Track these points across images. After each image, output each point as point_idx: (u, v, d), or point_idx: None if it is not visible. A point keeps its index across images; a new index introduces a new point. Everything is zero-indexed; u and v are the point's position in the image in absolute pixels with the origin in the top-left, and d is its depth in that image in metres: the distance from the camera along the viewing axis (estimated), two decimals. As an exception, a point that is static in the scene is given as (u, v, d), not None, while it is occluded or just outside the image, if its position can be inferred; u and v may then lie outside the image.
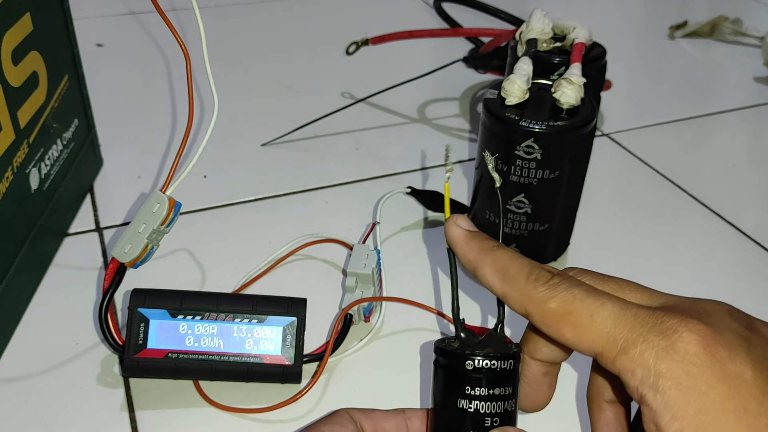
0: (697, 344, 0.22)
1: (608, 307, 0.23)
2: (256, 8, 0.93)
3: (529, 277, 0.25)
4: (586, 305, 0.24)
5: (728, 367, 0.22)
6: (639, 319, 0.23)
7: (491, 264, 0.26)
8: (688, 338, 0.22)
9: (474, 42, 0.70)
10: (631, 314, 0.23)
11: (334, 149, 0.63)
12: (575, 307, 0.24)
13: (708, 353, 0.22)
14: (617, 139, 0.66)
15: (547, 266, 0.26)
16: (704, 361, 0.22)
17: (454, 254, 0.28)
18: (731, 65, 0.82)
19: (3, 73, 0.40)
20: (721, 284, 0.49)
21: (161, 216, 0.36)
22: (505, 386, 0.26)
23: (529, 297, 0.25)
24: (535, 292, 0.25)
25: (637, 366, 0.22)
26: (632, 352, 0.22)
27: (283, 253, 0.49)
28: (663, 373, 0.22)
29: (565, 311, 0.24)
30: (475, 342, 0.27)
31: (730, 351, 0.22)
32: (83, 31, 0.54)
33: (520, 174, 0.44)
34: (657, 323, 0.23)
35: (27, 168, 0.44)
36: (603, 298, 0.24)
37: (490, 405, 0.26)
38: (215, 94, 0.37)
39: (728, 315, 0.24)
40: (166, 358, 0.38)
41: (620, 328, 0.23)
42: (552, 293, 0.24)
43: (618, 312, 0.23)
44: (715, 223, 0.55)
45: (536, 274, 0.25)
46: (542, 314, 0.25)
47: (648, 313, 0.23)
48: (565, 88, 0.44)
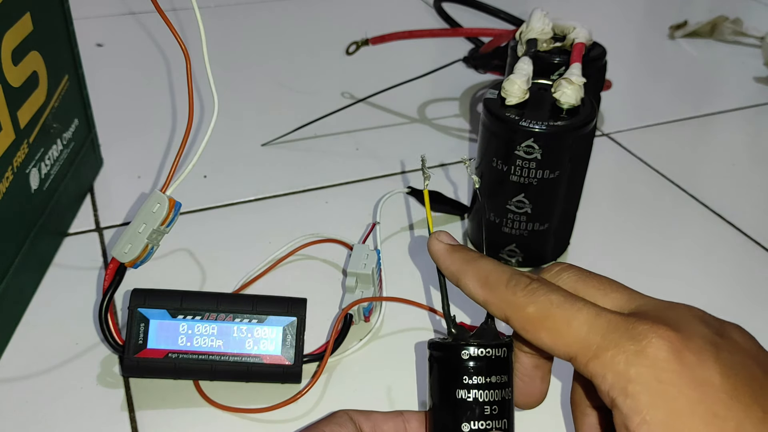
0: (667, 350, 0.22)
1: (584, 313, 0.24)
2: (256, 8, 0.93)
3: (508, 283, 0.26)
4: (562, 311, 0.24)
5: (697, 372, 0.22)
6: (612, 325, 0.24)
7: (473, 273, 0.27)
8: (658, 344, 0.22)
9: (474, 42, 0.70)
10: (605, 320, 0.24)
11: (334, 149, 0.63)
12: (552, 313, 0.25)
13: (677, 358, 0.22)
14: (617, 139, 0.66)
15: (526, 273, 0.27)
16: (673, 366, 0.22)
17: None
18: (731, 65, 0.82)
19: (3, 73, 0.40)
20: (721, 284, 0.49)
21: (161, 216, 0.36)
22: (500, 374, 0.27)
23: (509, 302, 0.26)
24: (514, 297, 0.26)
25: (608, 371, 0.23)
26: (604, 356, 0.23)
27: (283, 253, 0.49)
28: (633, 378, 0.22)
29: (542, 316, 0.25)
30: (468, 336, 0.28)
31: (699, 356, 0.22)
32: (83, 31, 0.54)
33: (520, 174, 0.44)
34: (628, 329, 0.23)
35: (27, 168, 0.44)
36: (579, 304, 0.24)
37: (487, 393, 0.26)
38: (215, 94, 0.37)
39: (699, 320, 0.24)
40: (166, 358, 0.38)
41: (594, 333, 0.24)
42: (530, 298, 0.25)
43: (593, 318, 0.24)
44: (715, 223, 0.55)
45: (515, 280, 0.26)
46: (521, 319, 0.25)
47: (621, 319, 0.24)
48: (565, 88, 0.44)
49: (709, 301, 0.48)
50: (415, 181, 0.58)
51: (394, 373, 0.41)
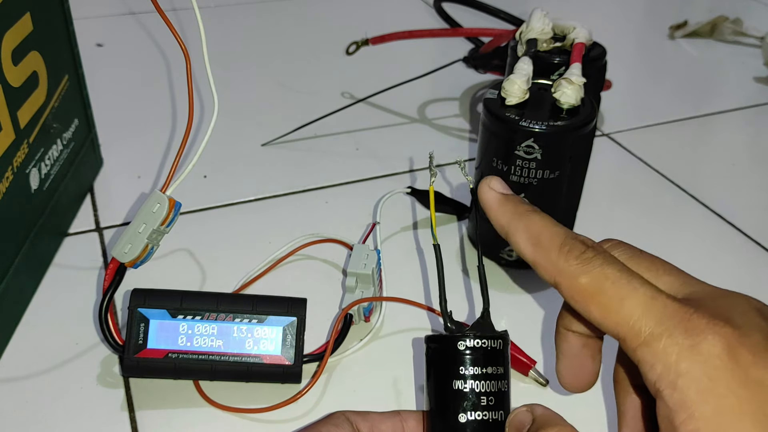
0: (721, 347, 0.22)
1: (640, 293, 0.23)
2: (256, 8, 0.93)
3: (562, 247, 0.25)
4: (617, 287, 0.23)
5: (751, 371, 0.22)
6: (668, 312, 0.23)
7: (524, 230, 0.26)
8: (713, 340, 0.22)
9: (474, 42, 0.70)
10: (660, 305, 0.23)
11: (334, 149, 0.63)
12: (606, 288, 0.23)
13: (731, 356, 0.22)
14: (617, 139, 0.66)
15: (581, 237, 0.25)
16: (726, 364, 0.22)
17: (440, 249, 0.28)
18: (731, 65, 0.82)
19: (3, 73, 0.40)
20: (720, 284, 0.48)
21: (161, 216, 0.36)
22: (496, 365, 0.27)
23: (560, 269, 0.24)
24: (567, 264, 0.24)
25: (657, 361, 0.22)
26: (655, 345, 0.22)
27: (283, 253, 0.49)
28: (683, 372, 0.22)
29: (594, 290, 0.24)
30: (464, 330, 0.28)
31: (755, 354, 0.22)
32: (83, 31, 0.54)
33: (520, 174, 0.44)
34: (684, 320, 0.22)
35: (27, 168, 0.44)
36: (635, 282, 0.23)
37: (484, 384, 0.26)
38: (215, 94, 0.37)
39: (757, 313, 0.23)
40: (166, 358, 0.38)
41: (647, 318, 0.23)
42: (584, 268, 0.24)
43: (648, 301, 0.23)
44: (715, 223, 0.55)
45: (570, 245, 0.25)
46: (571, 288, 0.24)
47: (677, 307, 0.23)
48: (565, 88, 0.44)
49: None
50: (414, 181, 0.58)
51: (394, 373, 0.41)
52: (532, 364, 0.40)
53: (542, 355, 0.42)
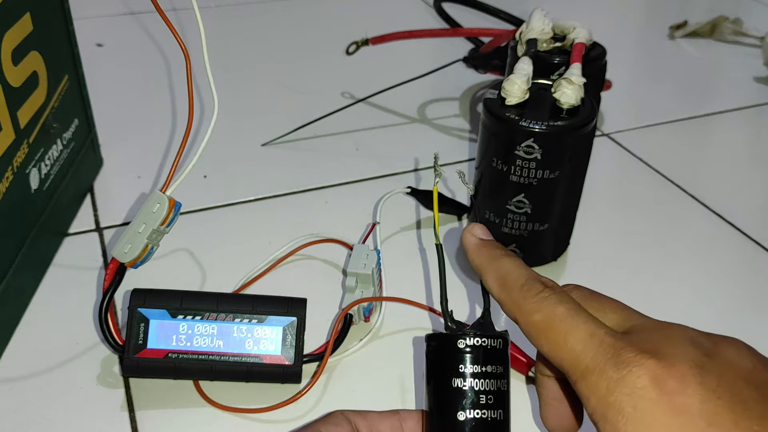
0: (647, 378, 0.23)
1: (581, 330, 0.25)
2: (256, 8, 0.93)
3: (522, 287, 0.27)
4: (564, 325, 0.25)
5: (676, 399, 0.22)
6: (602, 348, 0.24)
7: (494, 271, 0.28)
8: (638, 372, 0.23)
9: (474, 42, 0.70)
10: (597, 341, 0.24)
11: (334, 149, 0.63)
12: (555, 325, 0.25)
13: (656, 386, 0.22)
14: (617, 139, 0.66)
15: (544, 278, 0.27)
16: (651, 394, 0.22)
17: (443, 249, 0.30)
18: (731, 65, 0.82)
19: (3, 73, 0.40)
20: (720, 284, 0.49)
21: (161, 216, 0.36)
22: (496, 364, 0.27)
23: (519, 306, 0.26)
24: (525, 302, 0.26)
25: (591, 394, 0.23)
26: (589, 379, 0.24)
27: (283, 253, 0.49)
28: (611, 404, 0.23)
29: (545, 326, 0.25)
30: (464, 329, 0.28)
31: (681, 382, 0.22)
32: (83, 31, 0.54)
33: (520, 174, 0.44)
34: (615, 355, 0.23)
35: (27, 168, 0.44)
36: (579, 319, 0.25)
37: (483, 382, 0.27)
38: (215, 94, 0.37)
39: (689, 342, 0.24)
40: (166, 358, 0.38)
41: (585, 354, 0.24)
42: (538, 306, 0.26)
43: (587, 337, 0.24)
44: (715, 223, 0.55)
45: (529, 285, 0.27)
46: (526, 324, 0.26)
47: (611, 342, 0.24)
48: (565, 88, 0.44)
49: (709, 302, 0.48)
50: (419, 180, 0.58)
51: (394, 373, 0.41)
52: (532, 364, 0.40)
53: (542, 355, 0.42)
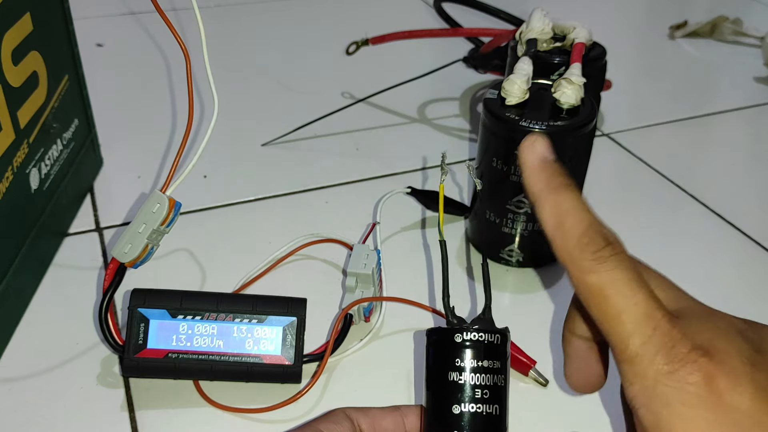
0: (699, 375, 0.22)
1: (638, 309, 0.23)
2: (256, 8, 0.93)
3: (581, 237, 0.25)
4: (620, 297, 0.23)
5: (725, 397, 0.22)
6: (656, 336, 0.23)
7: (552, 206, 0.26)
8: (691, 369, 0.22)
9: (474, 42, 0.70)
10: (651, 327, 0.23)
11: (334, 149, 0.63)
12: (609, 293, 0.24)
13: (707, 384, 0.22)
14: (617, 139, 0.66)
15: (606, 230, 0.25)
16: (701, 391, 0.22)
17: (446, 246, 0.28)
18: (731, 65, 0.82)
19: (3, 73, 0.40)
20: (721, 284, 0.49)
21: (161, 216, 0.36)
22: (493, 359, 0.27)
23: (573, 259, 0.24)
24: (581, 257, 0.24)
25: (636, 380, 0.23)
26: (637, 365, 0.23)
27: (283, 253, 0.49)
28: (657, 396, 0.22)
29: (597, 291, 0.24)
30: (464, 324, 0.28)
31: (732, 379, 0.22)
32: (83, 31, 0.54)
33: (520, 174, 0.44)
34: (668, 345, 0.23)
35: (27, 168, 0.44)
36: (638, 297, 0.23)
37: (479, 377, 0.27)
38: (215, 94, 0.37)
39: (739, 335, 0.24)
40: (166, 358, 0.38)
41: (636, 336, 0.23)
42: (595, 266, 0.24)
43: (642, 319, 0.23)
44: (715, 223, 0.55)
45: (589, 236, 0.25)
46: (579, 283, 0.24)
47: (666, 331, 0.23)
48: (565, 88, 0.44)
49: (709, 302, 0.48)
50: (415, 181, 0.58)
51: (394, 372, 0.41)
52: (532, 364, 0.40)
53: (542, 355, 0.42)
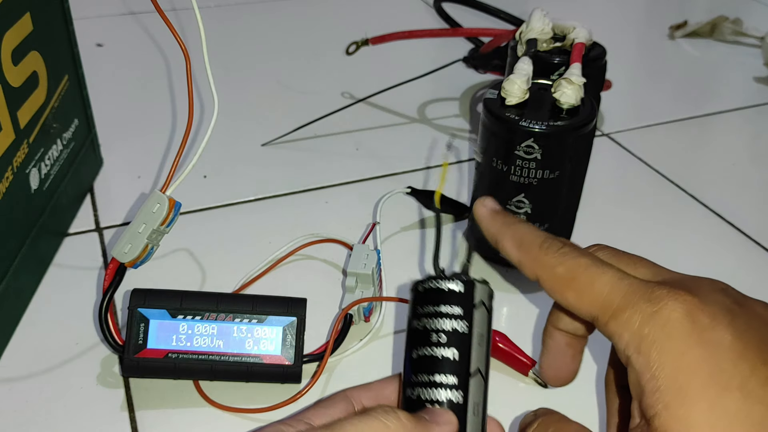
0: (680, 311, 0.24)
1: (608, 275, 0.26)
2: (256, 8, 0.93)
3: (542, 245, 0.28)
4: (589, 273, 0.26)
5: (708, 333, 0.23)
6: (633, 288, 0.25)
7: (510, 235, 0.29)
8: (673, 306, 0.24)
9: (474, 42, 0.70)
10: (626, 284, 0.25)
11: (334, 149, 0.63)
12: (579, 274, 0.26)
13: (689, 319, 0.24)
14: (617, 139, 0.66)
15: (560, 238, 0.28)
16: (684, 326, 0.23)
17: (441, 217, 0.32)
18: (731, 65, 0.82)
19: (3, 73, 0.40)
20: (721, 284, 0.48)
21: (161, 216, 0.36)
22: (452, 305, 0.28)
23: (540, 262, 0.27)
24: (546, 257, 0.27)
25: (624, 330, 0.24)
26: (621, 317, 0.25)
27: (283, 253, 0.49)
28: (645, 336, 0.24)
29: (570, 276, 0.26)
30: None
31: (713, 319, 0.24)
32: (83, 31, 0.54)
33: (520, 174, 0.44)
34: (647, 292, 0.25)
35: (27, 168, 0.44)
36: (605, 268, 0.26)
37: (435, 321, 0.28)
38: (215, 94, 0.37)
39: (720, 291, 0.25)
40: (166, 358, 0.38)
41: (615, 295, 0.25)
42: (560, 260, 0.27)
43: (615, 281, 0.25)
44: (715, 223, 0.55)
45: (549, 243, 0.28)
46: (550, 279, 0.27)
47: (642, 284, 0.25)
48: (565, 88, 0.44)
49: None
50: (415, 181, 0.58)
51: (394, 372, 0.41)
52: (532, 364, 0.40)
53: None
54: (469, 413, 0.27)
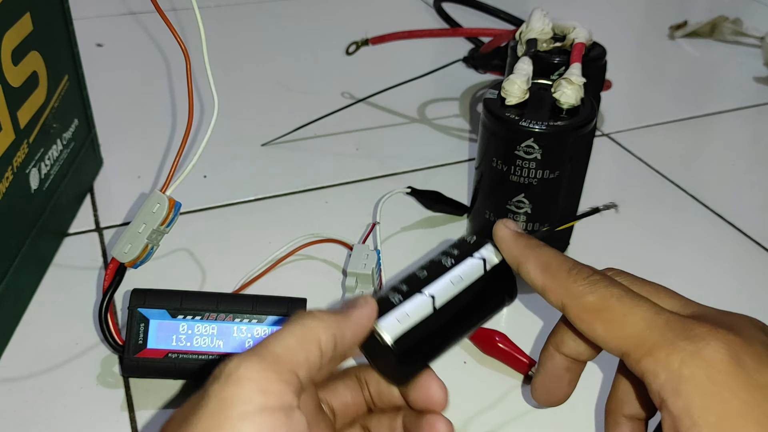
0: (724, 352, 0.22)
1: (643, 309, 0.24)
2: (256, 8, 0.93)
3: (570, 271, 0.26)
4: (622, 304, 0.24)
5: (754, 376, 0.22)
6: (670, 324, 0.23)
7: (534, 259, 0.27)
8: (716, 346, 0.22)
9: (474, 42, 0.70)
10: (663, 319, 0.23)
11: (334, 149, 0.63)
12: (611, 304, 0.24)
13: (734, 361, 0.22)
14: (617, 139, 0.66)
15: (588, 265, 0.27)
16: (729, 368, 0.22)
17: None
18: (731, 65, 0.82)
19: (3, 73, 0.40)
20: (721, 284, 0.49)
21: (161, 216, 0.36)
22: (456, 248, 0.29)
23: (568, 289, 0.26)
24: (575, 285, 0.26)
25: (661, 369, 0.22)
26: (658, 354, 0.23)
27: (283, 253, 0.49)
28: (686, 378, 0.22)
29: (601, 306, 0.25)
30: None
31: (758, 362, 0.22)
32: (83, 31, 0.54)
33: (520, 174, 0.44)
34: (686, 329, 0.23)
35: (27, 168, 0.44)
36: (639, 300, 0.24)
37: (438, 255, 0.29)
38: (215, 94, 0.37)
39: (759, 329, 0.24)
40: (166, 358, 0.38)
41: (651, 330, 0.23)
42: (591, 288, 0.25)
43: (652, 315, 0.24)
44: (715, 223, 0.55)
45: (578, 269, 0.26)
46: (578, 307, 0.25)
47: (679, 319, 0.23)
48: (565, 88, 0.44)
49: (709, 302, 0.48)
50: (415, 181, 0.58)
51: (394, 373, 0.41)
52: (532, 364, 0.40)
53: (542, 355, 0.42)
54: (394, 314, 0.27)
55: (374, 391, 0.29)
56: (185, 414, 0.22)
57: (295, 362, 0.23)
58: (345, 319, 0.25)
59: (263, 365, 0.22)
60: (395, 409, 0.29)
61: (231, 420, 0.21)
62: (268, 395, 0.22)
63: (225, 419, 0.21)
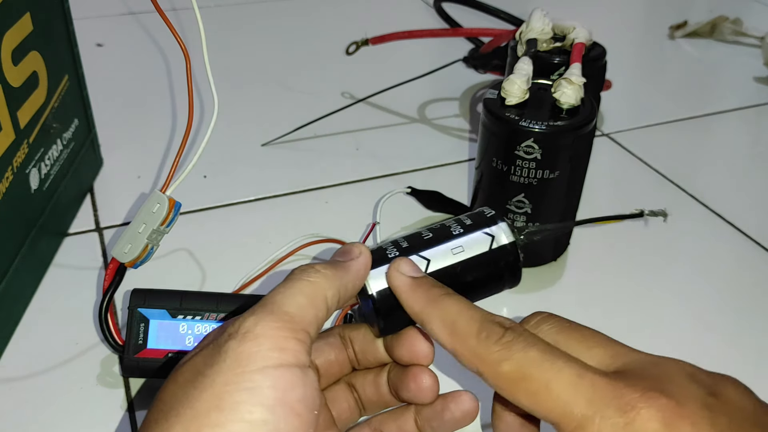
0: (658, 421, 0.21)
1: (565, 374, 0.22)
2: (256, 8, 0.93)
3: (479, 334, 0.24)
4: (542, 371, 0.22)
5: None
6: (597, 390, 0.21)
7: (438, 317, 0.25)
8: (648, 415, 0.21)
9: (474, 42, 0.70)
10: (588, 384, 0.22)
11: (334, 149, 0.63)
12: (531, 372, 0.22)
13: (669, 429, 0.21)
14: (617, 139, 0.66)
15: (499, 318, 0.24)
16: None
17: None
18: (731, 65, 0.82)
19: (3, 73, 0.40)
20: (720, 284, 0.48)
21: (161, 216, 0.36)
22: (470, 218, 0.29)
23: (480, 357, 0.23)
24: (487, 352, 0.23)
25: None
26: (589, 427, 0.21)
27: (283, 253, 0.49)
28: None
29: (519, 376, 0.22)
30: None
31: (693, 425, 0.21)
32: (83, 31, 0.54)
33: (520, 174, 0.44)
34: (616, 396, 0.21)
35: (27, 168, 0.44)
36: (560, 363, 0.22)
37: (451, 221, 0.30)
38: (215, 94, 0.37)
39: (691, 379, 0.22)
40: (166, 358, 0.37)
41: (577, 400, 0.21)
42: (505, 354, 0.23)
43: (575, 380, 0.22)
44: (715, 223, 0.55)
45: (487, 330, 0.24)
46: (494, 377, 0.23)
47: (606, 383, 0.22)
48: (565, 88, 0.44)
49: (709, 302, 0.48)
50: (415, 181, 0.58)
51: (394, 373, 0.41)
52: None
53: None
54: (386, 267, 0.27)
55: (359, 349, 0.29)
56: (198, 367, 0.23)
57: (307, 321, 0.24)
58: (345, 272, 0.25)
59: (279, 324, 0.23)
60: (380, 366, 0.29)
61: (251, 374, 0.22)
62: (285, 352, 0.22)
63: (242, 374, 0.22)
